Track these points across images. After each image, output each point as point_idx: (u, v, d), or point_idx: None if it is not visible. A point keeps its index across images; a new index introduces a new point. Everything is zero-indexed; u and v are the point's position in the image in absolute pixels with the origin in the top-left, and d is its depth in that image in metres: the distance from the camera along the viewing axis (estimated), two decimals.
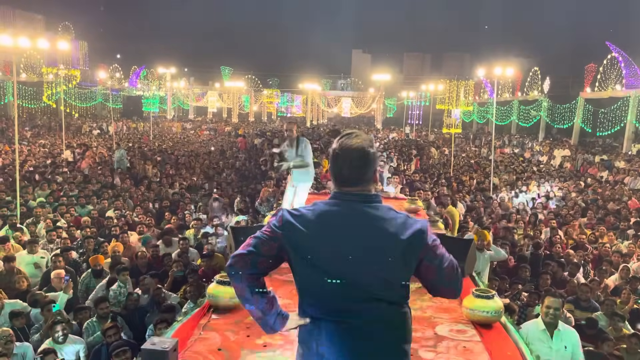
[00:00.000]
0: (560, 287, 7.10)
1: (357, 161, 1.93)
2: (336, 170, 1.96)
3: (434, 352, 3.30)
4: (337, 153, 1.95)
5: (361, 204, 1.93)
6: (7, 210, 9.93)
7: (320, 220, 1.92)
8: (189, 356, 3.16)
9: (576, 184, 16.39)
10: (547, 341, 4.18)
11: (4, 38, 10.57)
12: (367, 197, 1.95)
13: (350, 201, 1.94)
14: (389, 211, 1.95)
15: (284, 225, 1.94)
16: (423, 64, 76.61)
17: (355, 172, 1.93)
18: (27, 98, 33.54)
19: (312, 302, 1.95)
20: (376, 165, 2.00)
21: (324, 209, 1.95)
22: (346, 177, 1.94)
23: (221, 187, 13.74)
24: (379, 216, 1.92)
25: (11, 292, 6.44)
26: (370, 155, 1.95)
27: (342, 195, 1.96)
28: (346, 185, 1.95)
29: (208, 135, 33.06)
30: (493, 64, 16.55)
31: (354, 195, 1.94)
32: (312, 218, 1.93)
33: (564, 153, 23.83)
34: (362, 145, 1.94)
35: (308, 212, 1.96)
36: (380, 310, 1.88)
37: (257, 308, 1.99)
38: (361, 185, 1.95)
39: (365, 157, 1.93)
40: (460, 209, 11.55)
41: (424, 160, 21.41)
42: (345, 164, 1.93)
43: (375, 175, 1.99)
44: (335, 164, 1.96)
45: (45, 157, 18.74)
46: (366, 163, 1.94)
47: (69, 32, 42.89)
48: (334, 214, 1.93)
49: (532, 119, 31.57)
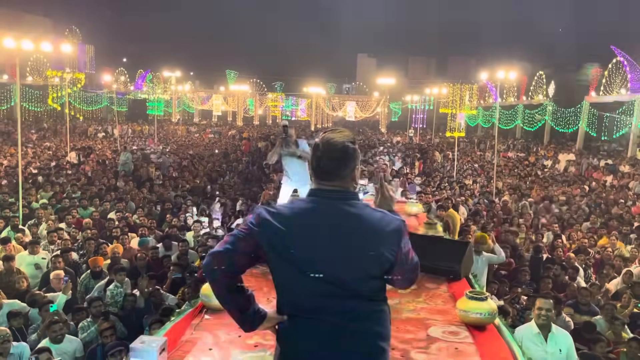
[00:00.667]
0: (561, 291, 7.06)
1: (337, 154, 1.94)
2: (315, 162, 1.97)
3: (426, 354, 3.28)
4: (318, 145, 1.97)
5: (338, 201, 1.93)
6: (9, 211, 9.99)
7: (297, 217, 1.92)
8: (179, 355, 3.16)
9: (580, 188, 16.33)
10: (541, 344, 4.16)
11: (8, 40, 10.69)
12: (344, 194, 1.95)
13: (327, 198, 1.94)
14: (365, 208, 1.95)
15: (261, 223, 1.93)
16: (428, 68, 76.57)
17: (334, 165, 1.94)
18: (33, 101, 33.79)
19: (290, 299, 1.95)
20: (356, 163, 2.00)
21: (301, 206, 1.96)
22: (325, 170, 1.95)
23: (224, 189, 13.77)
24: (356, 213, 1.92)
25: (11, 292, 6.48)
26: (349, 150, 1.95)
27: (320, 192, 1.97)
28: (324, 179, 1.96)
29: (212, 139, 33.15)
30: (496, 68, 16.54)
31: (332, 192, 1.95)
32: (289, 215, 1.93)
33: (568, 157, 23.74)
34: (343, 140, 1.95)
35: (285, 209, 1.96)
36: (357, 307, 1.88)
37: (234, 306, 1.99)
38: (339, 181, 1.95)
39: (344, 152, 1.94)
40: (462, 213, 11.52)
41: (428, 164, 21.38)
42: (325, 156, 1.94)
43: (354, 172, 1.99)
44: (315, 156, 1.97)
45: (50, 159, 18.87)
46: (345, 158, 1.95)
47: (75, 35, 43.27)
48: (312, 211, 1.93)
49: (536, 123, 31.49)
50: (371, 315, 1.91)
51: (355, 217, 1.91)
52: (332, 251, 1.86)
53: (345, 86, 73.10)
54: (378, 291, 1.95)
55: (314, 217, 1.91)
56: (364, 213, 1.93)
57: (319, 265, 1.86)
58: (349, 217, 1.90)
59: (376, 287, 1.93)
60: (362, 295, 1.89)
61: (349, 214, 1.91)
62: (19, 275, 6.83)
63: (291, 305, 1.94)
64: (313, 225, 1.90)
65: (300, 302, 1.91)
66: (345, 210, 1.92)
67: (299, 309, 1.92)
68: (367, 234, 1.89)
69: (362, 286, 1.88)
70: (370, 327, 1.91)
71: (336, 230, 1.88)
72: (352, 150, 1.96)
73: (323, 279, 1.86)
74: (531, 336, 4.19)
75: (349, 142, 1.96)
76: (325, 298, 1.87)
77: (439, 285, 4.64)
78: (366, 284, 1.89)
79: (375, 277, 1.91)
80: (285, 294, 1.97)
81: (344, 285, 1.86)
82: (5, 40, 10.84)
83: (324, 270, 1.86)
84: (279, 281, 1.97)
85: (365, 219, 1.91)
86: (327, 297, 1.87)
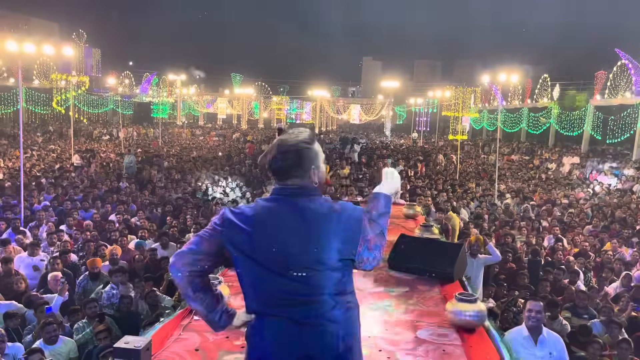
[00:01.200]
0: (560, 294, 7.03)
1: (289, 155, 1.96)
2: (269, 163, 2.00)
3: (413, 355, 3.27)
4: (276, 145, 1.99)
5: (298, 197, 1.95)
6: (11, 213, 10.05)
7: (259, 216, 1.94)
8: (165, 356, 3.16)
9: (584, 191, 16.25)
10: (530, 348, 4.13)
11: (11, 43, 10.78)
12: (304, 191, 1.96)
13: (287, 195, 1.96)
14: (324, 203, 1.96)
15: (224, 223, 1.98)
16: (434, 71, 76.57)
17: (286, 166, 1.96)
18: (39, 104, 33.99)
19: (255, 297, 1.96)
20: (314, 162, 2.00)
21: (263, 205, 1.98)
22: (278, 171, 1.98)
23: (225, 192, 13.80)
24: (314, 209, 1.93)
25: (9, 293, 6.51)
26: (302, 151, 1.97)
27: (281, 190, 1.99)
28: (279, 177, 1.99)
29: (217, 141, 33.24)
30: (498, 71, 16.51)
31: (292, 189, 1.96)
32: (251, 214, 1.96)
33: (573, 160, 23.64)
34: (297, 141, 1.97)
35: (248, 209, 1.99)
36: (321, 302, 1.89)
37: (201, 306, 2.01)
38: (292, 179, 1.97)
39: (296, 153, 1.96)
40: (463, 216, 11.49)
41: (431, 166, 21.34)
42: (277, 157, 1.97)
43: (311, 172, 1.99)
44: (270, 156, 2.00)
45: (54, 162, 18.98)
46: (298, 159, 1.96)
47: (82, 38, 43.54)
48: (272, 210, 1.95)
49: (541, 126, 31.36)
50: (335, 312, 1.91)
51: (314, 212, 1.92)
52: (292, 247, 1.88)
53: (351, 89, 73.15)
54: (342, 285, 1.94)
55: (275, 215, 1.93)
56: (322, 208, 1.93)
57: (281, 263, 1.88)
58: (307, 212, 1.92)
59: (339, 281, 1.93)
60: (326, 291, 1.89)
61: (307, 209, 1.92)
62: (17, 277, 6.86)
63: (256, 302, 1.96)
64: (274, 223, 1.92)
65: (264, 299, 1.93)
66: (303, 205, 1.93)
67: (263, 306, 1.94)
68: (326, 229, 1.89)
69: (324, 280, 1.89)
70: (336, 325, 1.91)
71: (294, 227, 1.90)
72: (306, 151, 1.98)
73: (284, 276, 1.88)
74: (520, 339, 4.16)
75: (302, 144, 1.97)
76: (289, 295, 1.88)
77: (432, 288, 4.62)
78: (328, 278, 1.89)
79: (336, 269, 1.91)
80: (249, 292, 1.98)
81: (306, 281, 1.87)
82: (8, 43, 10.94)
83: (286, 268, 1.88)
84: (243, 279, 1.98)
85: (324, 213, 1.92)
86: (290, 294, 1.88)
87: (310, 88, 50.99)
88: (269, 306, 1.92)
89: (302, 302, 1.88)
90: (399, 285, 4.68)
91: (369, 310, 4.03)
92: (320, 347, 1.88)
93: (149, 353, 2.85)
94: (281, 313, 1.89)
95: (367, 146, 26.07)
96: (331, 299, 1.90)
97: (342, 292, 1.94)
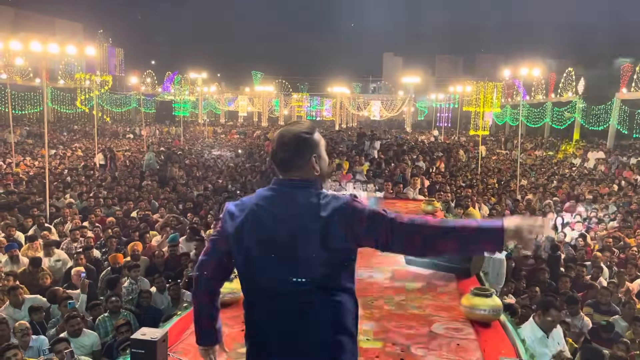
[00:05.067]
0: (580, 291, 6.93)
1: (289, 145, 1.97)
2: (271, 154, 2.02)
3: (426, 349, 3.27)
4: (277, 138, 2.00)
5: (293, 188, 1.95)
6: (37, 210, 10.30)
7: (255, 206, 1.97)
8: (182, 348, 3.22)
9: (609, 186, 15.94)
10: (546, 347, 4.14)
11: (35, 44, 11.04)
12: (301, 182, 1.96)
13: (283, 186, 1.98)
14: (317, 194, 1.93)
15: (227, 217, 2.03)
16: (455, 66, 75.80)
17: (287, 156, 1.97)
18: (65, 103, 34.68)
19: (248, 286, 2.01)
20: (315, 151, 1.99)
21: (261, 195, 2.00)
22: (280, 160, 1.99)
23: (245, 188, 13.89)
24: (306, 199, 1.92)
25: (35, 288, 6.69)
26: (303, 140, 1.97)
27: (280, 181, 2.01)
28: (281, 169, 2.00)
29: (238, 139, 33.46)
30: (520, 65, 16.29)
31: (291, 180, 1.97)
32: (249, 205, 1.98)
33: (597, 155, 23.19)
34: (298, 131, 1.98)
35: (247, 199, 2.03)
36: (311, 296, 1.88)
37: (210, 315, 2.20)
38: (296, 171, 1.97)
39: (297, 142, 1.96)
40: (484, 211, 11.38)
41: (452, 162, 21.13)
42: (278, 148, 1.98)
43: (311, 161, 1.97)
44: (272, 148, 2.02)
45: (79, 160, 19.37)
46: (298, 147, 1.96)
47: (105, 39, 44.24)
48: (270, 200, 1.96)
49: (565, 121, 30.82)
50: (325, 306, 1.89)
51: (304, 203, 1.91)
52: (284, 238, 1.89)
53: (372, 85, 72.86)
54: (333, 279, 1.91)
55: (270, 204, 1.95)
56: (312, 198, 1.92)
57: (273, 253, 1.90)
58: (299, 203, 1.92)
59: (330, 274, 1.90)
60: (317, 283, 1.88)
61: (299, 200, 1.92)
62: (42, 272, 7.04)
63: (249, 291, 2.01)
64: (270, 214, 1.93)
65: (257, 289, 1.96)
66: (296, 196, 1.93)
67: (255, 295, 1.98)
68: (314, 219, 1.87)
69: (314, 272, 1.87)
70: (324, 317, 1.89)
71: (287, 216, 1.91)
72: (306, 139, 1.97)
73: (276, 267, 1.90)
74: (535, 338, 4.15)
75: (303, 132, 1.98)
76: (279, 285, 1.90)
77: (448, 283, 4.62)
78: (317, 269, 1.87)
79: (326, 264, 1.88)
80: (243, 281, 2.02)
81: (295, 272, 1.88)
82: (32, 44, 11.19)
83: (277, 258, 1.90)
84: (240, 269, 2.03)
85: (312, 203, 1.90)
86: (281, 284, 1.89)
87: (330, 85, 50.91)
88: (259, 295, 1.95)
89: (290, 293, 1.89)
90: (416, 280, 4.68)
91: (384, 305, 4.04)
92: (307, 341, 1.90)
93: (165, 345, 2.91)
94: (271, 301, 1.92)
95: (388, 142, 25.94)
96: (317, 292, 1.88)
97: (333, 286, 1.91)
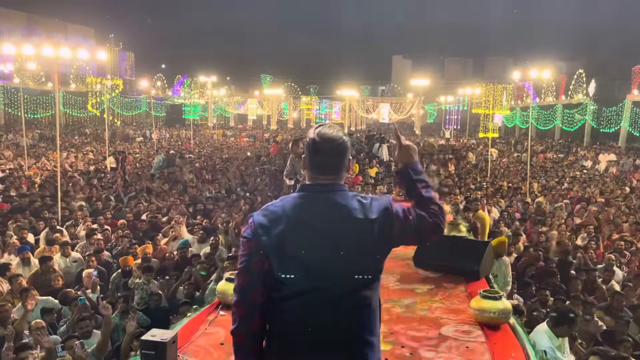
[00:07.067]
0: (592, 294, 6.88)
1: (336, 149, 1.95)
2: (316, 159, 1.96)
3: (435, 352, 3.27)
4: (317, 142, 1.95)
5: (331, 192, 1.93)
6: (48, 213, 10.39)
7: (293, 212, 1.90)
8: (191, 349, 3.25)
9: (621, 189, 15.81)
10: (562, 349, 4.13)
11: (47, 49, 11.18)
12: (337, 186, 1.95)
13: (317, 192, 1.94)
14: (354, 198, 1.94)
15: (255, 230, 1.90)
16: (465, 69, 75.49)
17: (334, 160, 1.95)
18: (76, 107, 34.99)
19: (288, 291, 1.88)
20: (349, 156, 2.01)
21: (295, 200, 1.94)
22: (325, 165, 1.95)
23: (254, 191, 13.93)
24: (347, 202, 1.91)
25: (46, 290, 6.76)
26: (346, 144, 1.98)
27: (311, 187, 1.97)
28: (323, 173, 1.95)
29: (247, 142, 33.57)
30: (529, 67, 16.22)
31: (323, 186, 1.95)
32: (282, 212, 1.91)
33: (609, 158, 23.01)
34: (340, 134, 1.98)
35: (277, 208, 1.94)
36: (361, 297, 1.89)
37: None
38: (336, 174, 1.96)
39: (343, 146, 1.96)
40: (494, 214, 11.33)
41: (462, 164, 21.08)
42: (325, 152, 1.94)
43: (349, 164, 2.00)
44: (315, 152, 1.96)
45: (90, 163, 19.54)
46: (344, 151, 1.97)
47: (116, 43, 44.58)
48: (307, 204, 1.92)
49: (576, 123, 30.61)
50: (367, 306, 1.92)
51: (346, 208, 1.90)
52: (337, 242, 1.85)
53: (381, 88, 72.79)
54: (378, 279, 1.95)
55: (314, 210, 1.90)
56: (352, 203, 1.92)
57: (317, 260, 1.85)
58: (340, 208, 1.90)
59: (377, 274, 1.93)
60: (368, 284, 1.90)
61: (340, 205, 1.91)
62: (54, 274, 7.10)
63: (291, 295, 1.88)
64: (314, 219, 1.88)
65: (303, 291, 1.87)
66: (335, 201, 1.91)
67: (299, 297, 1.87)
68: (360, 223, 1.88)
69: (367, 271, 1.89)
70: (366, 316, 1.91)
71: (337, 222, 1.88)
72: (348, 144, 1.98)
73: (318, 275, 1.85)
74: (554, 346, 4.14)
75: (344, 137, 1.98)
76: (333, 286, 1.86)
77: (457, 285, 4.61)
78: (368, 270, 1.90)
79: (375, 264, 1.92)
80: (287, 285, 1.87)
81: (338, 278, 1.86)
82: (45, 49, 11.33)
83: (321, 265, 1.85)
84: (282, 276, 1.88)
85: (355, 207, 1.90)
86: (336, 286, 1.86)
87: (339, 87, 50.93)
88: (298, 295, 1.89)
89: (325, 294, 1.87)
90: (425, 282, 4.68)
91: (393, 308, 4.05)
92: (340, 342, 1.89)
93: (175, 346, 2.93)
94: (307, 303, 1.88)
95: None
96: (368, 290, 1.92)
97: (369, 287, 1.93)
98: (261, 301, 1.88)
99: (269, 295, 1.88)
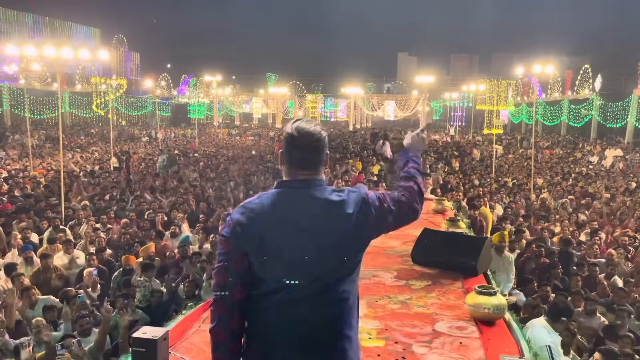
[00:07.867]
0: (593, 289, 6.83)
1: (315, 144, 1.93)
2: (294, 154, 1.93)
3: (428, 348, 3.26)
4: (295, 136, 1.93)
5: (309, 188, 1.92)
6: (51, 212, 10.45)
7: (272, 209, 1.89)
8: (184, 347, 3.25)
9: (626, 184, 15.68)
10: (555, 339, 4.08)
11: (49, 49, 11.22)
12: (315, 181, 1.94)
13: (296, 188, 1.93)
14: (332, 192, 1.93)
15: (234, 229, 1.87)
16: (471, 65, 75.33)
17: (312, 155, 1.94)
18: (82, 107, 35.16)
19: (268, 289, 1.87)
20: (327, 150, 1.99)
21: (273, 197, 1.92)
22: (304, 160, 1.93)
23: (257, 190, 13.95)
24: (325, 197, 1.91)
25: (47, 288, 6.79)
26: (325, 139, 1.97)
27: (289, 182, 1.95)
28: (302, 169, 1.93)
29: (252, 141, 33.59)
30: (533, 62, 16.12)
31: (301, 181, 1.93)
32: (260, 209, 1.89)
33: (615, 153, 22.83)
34: (318, 129, 1.96)
35: (256, 205, 1.91)
36: (340, 290, 1.88)
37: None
38: (314, 169, 1.95)
39: (321, 140, 1.95)
40: (498, 210, 11.28)
41: (466, 161, 21.01)
42: (304, 147, 1.92)
43: (327, 158, 1.99)
44: (293, 147, 1.93)
45: (94, 163, 19.64)
46: (322, 146, 1.96)
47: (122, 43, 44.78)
48: (285, 200, 1.90)
49: (582, 119, 30.40)
50: (347, 300, 1.91)
51: (325, 202, 1.90)
52: (316, 238, 1.85)
53: (386, 85, 72.66)
54: (357, 273, 1.96)
55: (292, 207, 1.89)
56: (331, 196, 1.91)
57: (304, 253, 1.84)
58: (324, 203, 1.89)
59: (356, 267, 1.95)
60: (349, 277, 1.90)
61: (319, 200, 1.90)
62: (56, 273, 7.14)
63: (270, 292, 1.87)
64: (293, 215, 1.87)
65: (282, 288, 1.85)
66: (314, 197, 1.90)
67: (279, 294, 1.85)
68: (338, 216, 1.88)
69: (347, 268, 1.90)
70: (344, 310, 1.90)
71: (316, 217, 1.87)
72: (324, 137, 1.97)
73: (309, 265, 1.84)
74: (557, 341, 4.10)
75: (322, 131, 1.97)
76: (311, 283, 1.85)
77: (455, 281, 4.60)
78: (348, 265, 1.90)
79: (355, 258, 1.93)
80: (266, 283, 1.87)
81: (319, 271, 1.85)
82: (49, 49, 11.37)
83: (302, 261, 1.84)
84: (262, 274, 1.87)
85: (334, 201, 1.90)
86: (314, 282, 1.85)
87: (344, 85, 50.88)
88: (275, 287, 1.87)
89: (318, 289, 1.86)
90: (421, 279, 4.66)
91: (389, 304, 4.03)
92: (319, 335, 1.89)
93: (166, 343, 2.93)
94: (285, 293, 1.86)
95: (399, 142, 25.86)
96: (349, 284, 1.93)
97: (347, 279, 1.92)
98: (240, 299, 1.86)
99: (248, 292, 1.87)
